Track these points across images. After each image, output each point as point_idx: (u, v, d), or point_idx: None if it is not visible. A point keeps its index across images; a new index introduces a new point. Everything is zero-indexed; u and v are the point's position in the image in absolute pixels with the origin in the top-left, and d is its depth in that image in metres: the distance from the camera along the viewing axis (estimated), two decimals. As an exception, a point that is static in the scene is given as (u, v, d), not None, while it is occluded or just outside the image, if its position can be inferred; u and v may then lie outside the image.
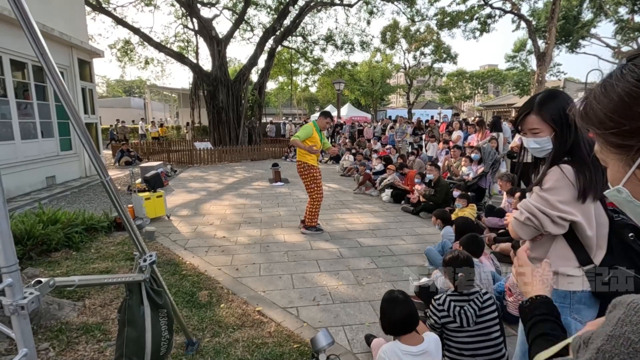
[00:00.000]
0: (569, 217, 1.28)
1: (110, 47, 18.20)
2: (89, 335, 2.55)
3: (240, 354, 2.39)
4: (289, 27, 16.48)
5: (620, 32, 23.28)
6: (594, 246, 1.31)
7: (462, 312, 2.03)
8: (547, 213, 1.30)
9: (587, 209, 1.29)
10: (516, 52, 29.37)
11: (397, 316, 1.84)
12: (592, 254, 1.31)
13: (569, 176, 1.28)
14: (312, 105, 45.02)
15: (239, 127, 15.79)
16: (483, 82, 38.82)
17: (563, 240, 1.35)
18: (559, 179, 1.30)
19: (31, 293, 0.95)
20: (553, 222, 1.30)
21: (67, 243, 4.23)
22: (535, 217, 1.33)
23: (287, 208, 6.53)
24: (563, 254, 1.35)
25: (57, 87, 1.22)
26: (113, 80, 60.21)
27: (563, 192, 1.29)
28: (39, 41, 1.14)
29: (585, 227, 1.28)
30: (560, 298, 1.35)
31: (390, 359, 1.78)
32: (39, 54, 1.15)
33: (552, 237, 1.38)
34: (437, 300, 2.14)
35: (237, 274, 3.72)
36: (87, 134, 1.34)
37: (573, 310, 1.34)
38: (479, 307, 2.05)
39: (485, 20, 20.94)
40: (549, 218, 1.31)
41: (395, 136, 12.43)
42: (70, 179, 9.03)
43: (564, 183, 1.29)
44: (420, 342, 1.83)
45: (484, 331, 2.04)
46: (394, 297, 1.93)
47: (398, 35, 30.25)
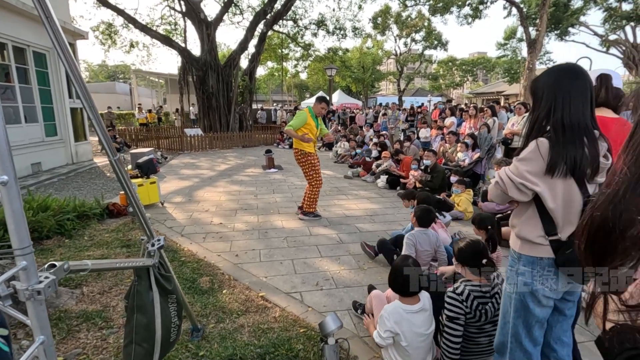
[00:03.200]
0: (530, 185, 1.38)
1: (93, 30, 17.48)
2: (89, 323, 2.48)
3: (247, 339, 2.37)
4: (279, 10, 16.05)
5: (608, 19, 23.49)
6: (559, 219, 1.39)
7: (484, 309, 1.93)
8: (512, 179, 1.43)
9: (554, 183, 1.36)
10: (507, 40, 29.44)
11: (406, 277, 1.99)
12: (559, 227, 1.39)
13: (542, 150, 1.36)
14: (302, 91, 44.50)
15: (230, 114, 15.50)
16: (473, 70, 38.89)
17: (534, 210, 1.44)
18: (532, 151, 1.39)
19: (47, 277, 0.89)
20: (516, 188, 1.42)
21: (59, 230, 4.11)
22: (502, 182, 1.47)
23: (283, 194, 6.47)
24: (532, 222, 1.45)
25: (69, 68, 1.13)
26: (95, 65, 58.28)
27: (532, 163, 1.38)
28: (55, 25, 1.05)
29: (547, 199, 1.37)
30: (529, 264, 1.46)
31: (394, 318, 1.98)
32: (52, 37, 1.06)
33: (527, 206, 1.47)
34: (456, 291, 1.97)
35: (237, 260, 3.68)
36: (98, 116, 1.26)
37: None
38: (497, 303, 1.95)
39: (477, 6, 20.85)
40: (513, 184, 1.43)
41: (388, 123, 12.39)
42: (56, 165, 8.76)
43: (535, 155, 1.38)
44: (418, 302, 2.04)
45: (495, 320, 1.95)
46: (408, 263, 2.07)
47: (389, 21, 29.92)
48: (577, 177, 1.34)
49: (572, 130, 1.34)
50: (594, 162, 1.33)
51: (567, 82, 1.39)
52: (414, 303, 2.03)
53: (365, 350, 2.30)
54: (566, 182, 1.36)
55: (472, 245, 2.08)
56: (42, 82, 8.52)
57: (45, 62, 8.65)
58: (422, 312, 2.03)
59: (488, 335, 2.02)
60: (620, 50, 24.58)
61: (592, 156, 1.33)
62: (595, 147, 1.35)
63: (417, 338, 1.97)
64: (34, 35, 7.89)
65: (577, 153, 1.32)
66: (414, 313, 2.00)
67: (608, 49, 25.67)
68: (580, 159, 1.31)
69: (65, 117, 9.11)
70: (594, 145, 1.34)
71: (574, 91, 1.37)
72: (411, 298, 2.04)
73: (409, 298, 2.04)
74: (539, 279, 1.44)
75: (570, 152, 1.32)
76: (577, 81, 1.39)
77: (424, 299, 2.07)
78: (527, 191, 1.40)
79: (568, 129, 1.35)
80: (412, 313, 2.00)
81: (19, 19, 7.49)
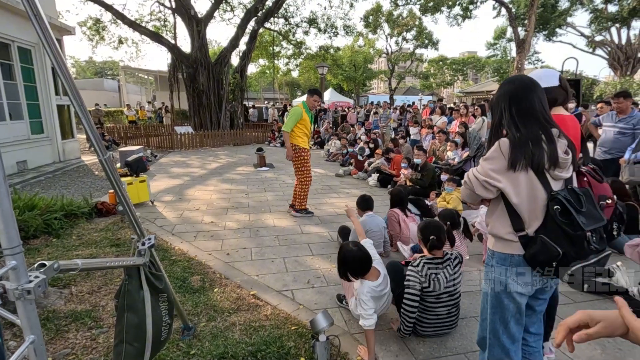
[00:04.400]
0: (494, 182, 1.46)
1: (80, 25, 17.15)
2: (78, 323, 2.46)
3: (238, 337, 2.37)
4: (271, 8, 15.97)
5: (594, 21, 23.95)
6: (525, 215, 1.46)
7: (436, 279, 2.27)
8: (478, 177, 1.51)
9: (516, 179, 1.44)
10: (496, 40, 29.78)
11: (360, 260, 2.24)
12: (526, 223, 1.46)
13: (503, 148, 1.45)
14: (294, 89, 44.38)
15: (221, 111, 15.39)
16: (463, 69, 39.28)
17: (504, 207, 1.51)
18: (494, 150, 1.49)
19: (37, 276, 0.88)
20: (482, 186, 1.51)
21: (46, 230, 4.04)
22: (470, 181, 1.56)
23: (274, 193, 6.46)
24: (502, 219, 1.52)
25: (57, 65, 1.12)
26: (83, 61, 57.12)
27: (495, 162, 1.48)
28: (43, 22, 1.04)
29: (511, 194, 1.45)
30: (501, 260, 1.54)
31: (369, 295, 2.21)
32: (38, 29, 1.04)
33: (497, 204, 1.55)
34: (416, 265, 2.31)
35: (228, 258, 3.67)
36: (87, 113, 1.25)
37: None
38: (450, 273, 2.31)
39: (467, 6, 21.05)
40: (478, 182, 1.51)
41: (379, 121, 12.46)
42: (43, 163, 8.60)
43: (497, 154, 1.47)
44: (379, 274, 2.32)
45: (449, 291, 2.31)
46: (349, 248, 2.29)
47: (381, 20, 30.00)
48: (538, 172, 1.42)
49: (530, 128, 1.45)
50: (553, 157, 1.41)
51: (521, 88, 1.51)
52: (376, 277, 2.30)
53: (356, 347, 2.32)
54: (528, 178, 1.43)
55: (430, 226, 2.44)
56: (28, 79, 8.33)
57: (31, 58, 8.46)
58: (385, 279, 2.36)
59: (446, 306, 2.31)
60: (606, 51, 25.09)
61: (550, 151, 1.42)
62: (553, 143, 1.43)
63: (381, 301, 2.33)
64: (18, 30, 7.71)
65: (535, 149, 1.41)
66: (380, 284, 2.30)
67: (594, 50, 26.20)
68: (538, 154, 1.40)
69: (51, 114, 8.94)
70: (551, 141, 1.43)
71: (529, 94, 1.49)
72: (371, 274, 2.29)
73: (369, 274, 2.28)
74: (511, 276, 1.51)
75: (528, 148, 1.41)
76: (526, 89, 1.51)
77: (381, 268, 2.37)
78: (491, 188, 1.49)
79: (526, 127, 1.45)
80: (379, 284, 2.29)
81: (3, 13, 7.31)
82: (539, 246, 1.40)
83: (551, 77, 1.94)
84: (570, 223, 1.37)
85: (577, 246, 1.38)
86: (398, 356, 2.26)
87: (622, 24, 23.14)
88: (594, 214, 1.41)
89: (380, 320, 2.62)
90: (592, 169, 1.97)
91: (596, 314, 0.71)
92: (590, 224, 1.37)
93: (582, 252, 1.40)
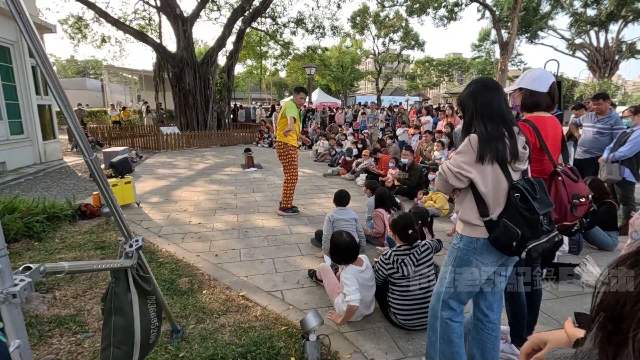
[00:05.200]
0: (465, 173, 1.65)
1: (61, 23, 16.71)
2: (62, 327, 2.41)
3: (228, 338, 2.36)
4: (258, 8, 15.88)
5: (574, 24, 24.64)
6: (490, 202, 1.65)
7: (403, 263, 2.47)
8: (451, 169, 1.69)
9: (484, 170, 1.63)
10: (481, 42, 30.31)
11: (347, 248, 2.60)
12: (491, 209, 1.65)
13: (473, 143, 1.64)
14: (281, 90, 44.23)
15: (207, 111, 15.22)
16: (449, 70, 39.86)
17: (472, 196, 1.70)
18: (465, 144, 1.68)
19: (22, 280, 0.86)
20: (455, 177, 1.68)
21: (27, 233, 3.94)
22: (444, 172, 1.74)
23: (262, 193, 6.44)
24: (470, 206, 1.71)
25: (42, 64, 1.10)
26: (64, 59, 55.62)
27: (466, 155, 1.66)
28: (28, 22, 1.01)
29: (480, 184, 1.64)
30: (467, 243, 1.72)
31: (353, 277, 2.48)
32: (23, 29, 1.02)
33: (466, 193, 1.74)
34: (385, 255, 2.57)
35: (216, 260, 3.64)
36: (73, 114, 1.22)
37: (476, 253, 1.71)
38: (417, 258, 2.50)
39: (452, 8, 21.38)
40: (452, 173, 1.69)
41: (367, 122, 12.54)
42: (23, 165, 8.35)
43: (467, 148, 1.66)
44: (363, 262, 2.64)
45: (417, 274, 2.48)
46: (343, 237, 2.66)
47: (368, 21, 30.20)
48: (502, 164, 1.62)
49: (495, 126, 1.64)
50: (514, 152, 1.62)
51: (485, 92, 1.70)
52: (360, 264, 2.62)
53: (346, 346, 2.34)
54: (493, 169, 1.63)
55: (402, 218, 2.61)
56: (6, 78, 8.08)
57: (10, 57, 8.20)
58: (368, 269, 2.63)
59: (420, 288, 2.46)
60: (586, 54, 25.85)
61: (512, 146, 1.62)
62: (514, 140, 1.63)
63: (367, 291, 2.56)
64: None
65: (499, 144, 1.61)
66: (363, 271, 2.58)
67: (574, 52, 26.94)
68: (502, 148, 1.60)
69: (32, 114, 8.68)
70: (513, 138, 1.64)
71: (492, 96, 1.68)
72: (358, 261, 2.64)
73: (357, 261, 2.64)
74: (474, 256, 1.71)
75: (494, 143, 1.61)
76: (491, 91, 1.70)
77: (365, 259, 2.68)
78: (463, 178, 1.67)
79: (492, 126, 1.64)
80: (362, 272, 2.58)
81: (-20, 10, 7.08)
82: (501, 229, 1.60)
83: (544, 82, 2.01)
84: (527, 208, 1.59)
85: (533, 228, 1.59)
86: (388, 353, 2.28)
87: (600, 28, 23.89)
88: (545, 200, 1.65)
89: (370, 320, 2.65)
90: (569, 169, 2.04)
91: (544, 336, 0.73)
92: (543, 209, 1.61)
93: (536, 233, 1.60)
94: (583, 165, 4.90)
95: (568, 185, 1.94)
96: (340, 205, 3.89)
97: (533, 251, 1.58)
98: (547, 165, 2.03)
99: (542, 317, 2.66)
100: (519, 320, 2.22)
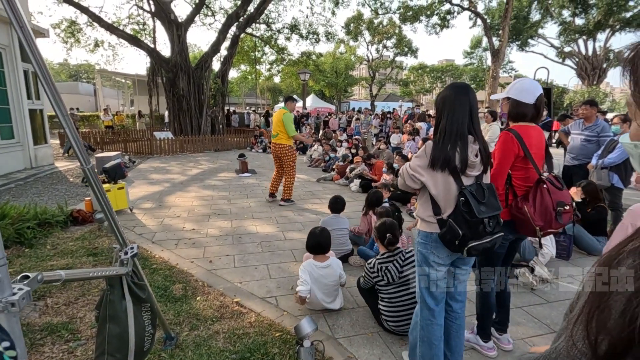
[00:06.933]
0: (418, 176, 1.82)
1: (54, 27, 16.59)
2: (54, 335, 2.38)
3: (222, 345, 2.36)
4: (252, 13, 15.96)
5: (563, 33, 25.18)
6: (441, 203, 1.80)
7: (387, 270, 2.53)
8: (407, 171, 1.88)
9: (435, 175, 1.78)
10: (473, 49, 30.78)
11: (315, 241, 2.86)
12: (443, 209, 1.80)
13: (427, 149, 1.80)
14: (275, 95, 44.32)
15: (201, 116, 15.19)
16: (442, 76, 40.31)
17: (428, 196, 1.84)
18: (422, 149, 1.84)
19: (20, 289, 0.87)
20: (410, 178, 1.86)
21: (18, 239, 3.89)
22: (402, 173, 1.93)
23: (256, 199, 6.44)
24: (426, 205, 1.86)
25: (39, 69, 1.11)
26: (56, 63, 55.15)
27: (421, 159, 1.82)
28: (26, 28, 1.03)
29: (430, 187, 1.79)
30: (424, 237, 1.88)
31: (306, 269, 2.72)
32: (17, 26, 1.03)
33: (423, 193, 1.88)
34: (369, 264, 2.65)
35: (210, 266, 3.64)
36: (69, 120, 1.24)
37: (432, 247, 1.86)
38: (400, 264, 2.54)
39: (445, 16, 21.71)
40: (408, 174, 1.87)
41: (360, 127, 12.63)
42: (13, 170, 8.25)
43: (422, 154, 1.82)
44: (327, 260, 2.81)
45: (403, 280, 2.52)
46: (317, 230, 2.94)
47: (361, 27, 30.52)
48: (451, 171, 1.75)
49: (450, 135, 1.75)
50: (463, 160, 1.73)
51: (454, 97, 1.79)
52: (323, 261, 2.80)
53: (340, 352, 2.35)
54: (444, 175, 1.77)
55: (383, 224, 2.70)
56: None
57: (2, 61, 8.14)
58: (330, 268, 2.77)
59: (407, 293, 2.49)
60: (574, 62, 26.40)
61: (462, 156, 1.73)
62: (466, 149, 1.74)
63: (324, 288, 2.73)
64: (-12, 32, 7.42)
65: (450, 153, 1.73)
66: (322, 268, 2.75)
67: (564, 60, 27.50)
68: (452, 157, 1.73)
69: (23, 119, 8.60)
70: (465, 147, 1.75)
71: (457, 105, 1.78)
72: (321, 257, 2.84)
73: (319, 256, 2.83)
74: (430, 250, 1.86)
75: (445, 152, 1.74)
76: (460, 96, 1.78)
77: (333, 260, 2.84)
78: (417, 180, 1.84)
79: (447, 135, 1.76)
80: (321, 267, 2.74)
81: (-28, 14, 7.03)
82: (447, 228, 1.75)
83: (531, 93, 2.07)
84: (469, 212, 1.72)
85: (473, 229, 1.72)
86: (381, 359, 2.30)
87: (588, 36, 24.44)
88: (493, 204, 1.79)
89: (364, 326, 2.66)
90: (554, 177, 2.09)
91: (542, 350, 0.75)
92: (487, 213, 1.74)
93: (477, 234, 1.73)
94: (572, 171, 5.00)
95: (553, 192, 1.99)
96: (335, 211, 3.96)
97: (473, 250, 1.72)
98: (532, 174, 2.09)
99: (532, 322, 2.71)
100: (485, 318, 2.38)
